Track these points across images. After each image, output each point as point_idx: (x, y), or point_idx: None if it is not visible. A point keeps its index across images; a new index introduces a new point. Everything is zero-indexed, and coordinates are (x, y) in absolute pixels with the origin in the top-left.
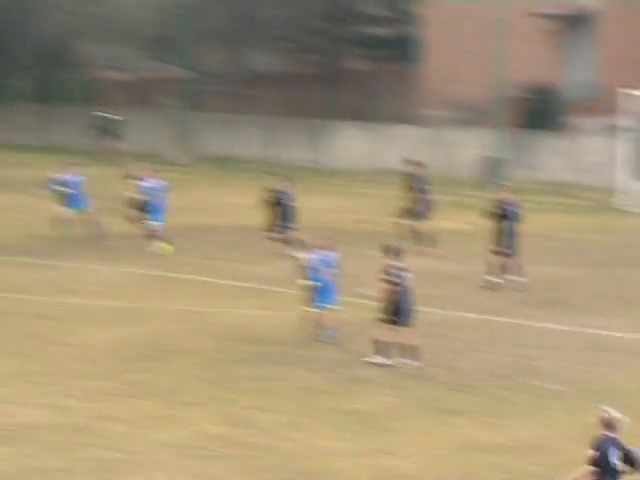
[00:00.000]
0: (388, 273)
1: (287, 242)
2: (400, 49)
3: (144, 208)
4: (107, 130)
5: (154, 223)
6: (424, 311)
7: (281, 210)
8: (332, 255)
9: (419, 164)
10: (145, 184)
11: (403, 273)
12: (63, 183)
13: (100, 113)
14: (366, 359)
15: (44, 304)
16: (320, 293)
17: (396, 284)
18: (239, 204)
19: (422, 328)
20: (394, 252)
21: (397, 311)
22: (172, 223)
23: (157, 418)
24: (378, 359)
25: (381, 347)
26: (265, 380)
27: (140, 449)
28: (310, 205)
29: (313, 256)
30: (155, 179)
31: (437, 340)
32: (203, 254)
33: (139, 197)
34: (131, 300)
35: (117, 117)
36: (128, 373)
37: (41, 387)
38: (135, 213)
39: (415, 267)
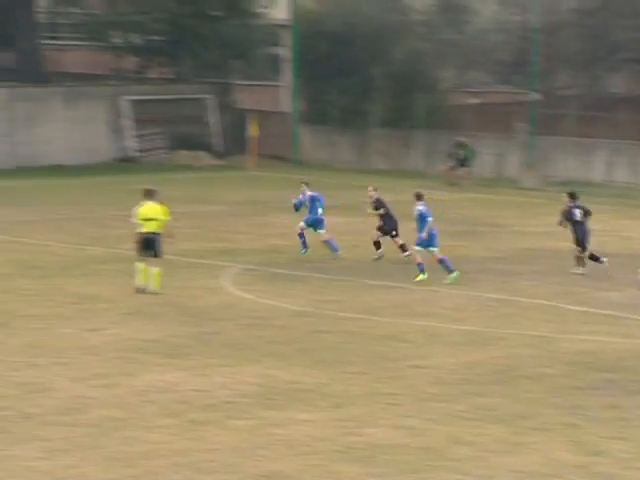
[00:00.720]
0: None
1: (584, 259)
2: None
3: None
4: (460, 156)
5: (422, 248)
6: None
7: (574, 227)
8: None
9: None
10: (421, 207)
11: None
12: (307, 202)
13: (458, 141)
14: None
15: (395, 326)
16: None
17: None
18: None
19: None
20: None
21: None
22: (514, 247)
23: (505, 443)
24: None
25: None
26: (616, 408)
27: (488, 473)
28: None
29: None
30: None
31: None
32: (549, 279)
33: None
34: (479, 324)
35: (467, 143)
36: (477, 397)
37: (390, 408)
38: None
39: None
